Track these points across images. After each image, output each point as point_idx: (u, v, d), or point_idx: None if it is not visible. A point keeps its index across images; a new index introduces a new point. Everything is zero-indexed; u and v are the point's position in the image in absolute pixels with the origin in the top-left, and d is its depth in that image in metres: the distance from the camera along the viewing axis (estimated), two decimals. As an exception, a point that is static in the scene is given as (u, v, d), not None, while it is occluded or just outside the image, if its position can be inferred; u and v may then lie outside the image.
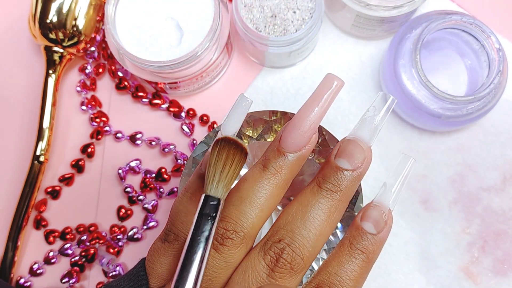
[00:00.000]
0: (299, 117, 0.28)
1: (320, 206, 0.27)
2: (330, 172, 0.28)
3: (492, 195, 0.44)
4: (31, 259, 0.44)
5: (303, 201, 0.28)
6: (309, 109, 0.28)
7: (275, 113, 0.36)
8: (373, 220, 0.28)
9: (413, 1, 0.41)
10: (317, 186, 0.28)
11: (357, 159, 0.28)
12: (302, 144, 0.28)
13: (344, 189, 0.28)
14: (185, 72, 0.40)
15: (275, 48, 0.41)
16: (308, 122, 0.28)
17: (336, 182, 0.28)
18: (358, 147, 0.28)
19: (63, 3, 0.43)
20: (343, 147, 0.28)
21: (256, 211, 0.27)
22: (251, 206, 0.27)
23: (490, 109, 0.41)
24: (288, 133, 0.28)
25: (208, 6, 0.40)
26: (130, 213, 0.44)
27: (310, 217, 0.27)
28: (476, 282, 0.43)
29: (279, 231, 0.27)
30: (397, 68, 0.41)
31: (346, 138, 0.29)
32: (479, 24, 0.40)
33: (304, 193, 0.28)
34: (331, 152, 0.29)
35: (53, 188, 0.45)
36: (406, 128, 0.45)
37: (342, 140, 0.29)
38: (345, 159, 0.28)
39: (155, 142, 0.45)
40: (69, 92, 0.47)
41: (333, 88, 0.28)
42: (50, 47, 0.44)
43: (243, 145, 0.27)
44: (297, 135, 0.28)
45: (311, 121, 0.28)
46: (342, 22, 0.45)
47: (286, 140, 0.28)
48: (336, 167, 0.28)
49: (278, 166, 0.28)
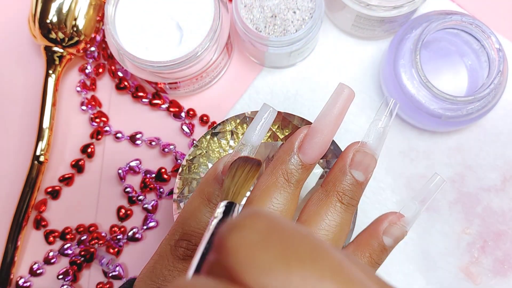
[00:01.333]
0: (319, 130, 0.28)
1: (343, 220, 0.28)
2: (349, 186, 0.28)
3: (492, 195, 0.44)
4: (31, 259, 0.44)
5: (331, 224, 0.28)
6: (328, 121, 0.28)
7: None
8: (395, 237, 0.30)
9: (413, 1, 0.41)
10: (340, 202, 0.28)
11: (371, 171, 0.29)
12: (321, 155, 0.28)
13: (358, 201, 0.29)
14: (185, 72, 0.40)
15: (275, 48, 0.41)
16: (329, 137, 0.28)
17: (355, 196, 0.28)
18: (372, 160, 0.29)
19: (63, 3, 0.43)
20: (359, 160, 0.28)
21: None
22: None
23: (490, 109, 0.41)
24: (309, 146, 0.28)
25: (208, 6, 0.40)
26: (130, 213, 0.44)
27: (337, 238, 0.28)
28: (476, 282, 0.43)
29: None
30: (397, 68, 0.41)
31: (360, 148, 0.29)
32: (479, 24, 0.40)
33: (324, 210, 0.28)
34: (344, 159, 0.29)
35: (53, 188, 0.45)
36: (406, 128, 0.45)
37: (355, 149, 0.29)
38: (361, 172, 0.28)
39: (155, 142, 0.45)
40: (69, 92, 0.47)
41: (347, 98, 0.28)
42: (50, 47, 0.44)
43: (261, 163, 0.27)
44: (319, 150, 0.28)
45: (331, 134, 0.28)
46: (342, 22, 0.45)
47: (308, 153, 0.28)
48: (356, 181, 0.28)
49: (301, 179, 0.28)
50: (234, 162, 0.27)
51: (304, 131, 0.28)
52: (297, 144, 0.28)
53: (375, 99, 0.46)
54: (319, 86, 0.46)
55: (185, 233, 0.27)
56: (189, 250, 0.27)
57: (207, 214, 0.27)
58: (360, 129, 0.45)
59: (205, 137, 0.38)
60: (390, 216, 0.30)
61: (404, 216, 0.30)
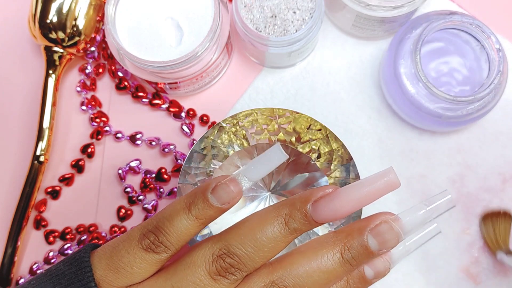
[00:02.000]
0: (341, 197, 0.27)
1: (334, 273, 0.27)
2: (358, 247, 0.27)
3: (492, 196, 0.44)
4: (31, 259, 0.44)
5: (321, 262, 0.27)
6: (355, 194, 0.27)
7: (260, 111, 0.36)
8: (377, 271, 0.29)
9: (413, 1, 0.41)
10: (340, 254, 0.27)
11: (387, 247, 0.27)
12: (330, 221, 0.28)
13: (359, 265, 0.28)
14: (185, 72, 0.40)
15: (275, 49, 0.41)
16: (348, 209, 0.27)
17: (358, 259, 0.27)
18: (395, 239, 0.27)
19: (63, 3, 0.43)
20: (382, 230, 0.27)
21: (264, 258, 0.28)
22: (262, 255, 0.27)
23: (490, 109, 0.41)
24: (323, 208, 0.27)
25: (208, 6, 0.40)
26: (130, 213, 0.44)
27: (323, 283, 0.27)
28: (476, 282, 0.43)
29: (287, 279, 0.27)
30: (397, 68, 0.41)
31: (390, 220, 0.27)
32: (479, 24, 0.40)
33: (322, 253, 0.28)
34: (368, 222, 0.28)
35: (53, 188, 0.45)
36: (406, 128, 0.45)
37: (385, 219, 0.27)
38: (377, 242, 0.27)
39: (155, 142, 0.45)
40: (69, 92, 0.47)
41: (386, 183, 0.27)
42: (50, 47, 0.44)
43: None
44: (332, 214, 0.27)
45: (351, 207, 0.27)
46: (342, 22, 0.45)
47: (319, 213, 0.27)
48: (367, 248, 0.27)
49: (298, 229, 0.28)
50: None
51: (330, 189, 0.28)
52: (315, 198, 0.28)
53: (375, 99, 0.46)
54: (319, 86, 0.46)
55: (157, 229, 0.28)
56: (154, 245, 0.28)
57: (183, 221, 0.28)
58: (360, 129, 0.45)
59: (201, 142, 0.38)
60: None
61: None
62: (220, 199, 0.28)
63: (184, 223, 0.28)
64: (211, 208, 0.28)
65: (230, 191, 0.28)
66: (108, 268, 0.28)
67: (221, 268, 0.27)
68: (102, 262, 0.28)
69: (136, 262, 0.28)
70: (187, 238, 0.28)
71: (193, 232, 0.28)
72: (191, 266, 0.27)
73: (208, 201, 0.28)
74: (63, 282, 0.28)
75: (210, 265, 0.27)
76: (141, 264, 0.28)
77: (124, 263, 0.28)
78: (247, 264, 0.27)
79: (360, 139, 0.45)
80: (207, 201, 0.28)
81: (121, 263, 0.28)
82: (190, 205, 0.28)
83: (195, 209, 0.28)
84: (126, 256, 0.28)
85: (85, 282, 0.28)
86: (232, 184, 0.28)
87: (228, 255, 0.27)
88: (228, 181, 0.28)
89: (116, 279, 0.28)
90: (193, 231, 0.28)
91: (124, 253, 0.28)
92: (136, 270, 0.28)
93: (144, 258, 0.28)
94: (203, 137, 0.38)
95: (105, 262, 0.28)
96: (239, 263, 0.27)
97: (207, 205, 0.28)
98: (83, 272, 0.28)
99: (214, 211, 0.28)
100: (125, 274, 0.28)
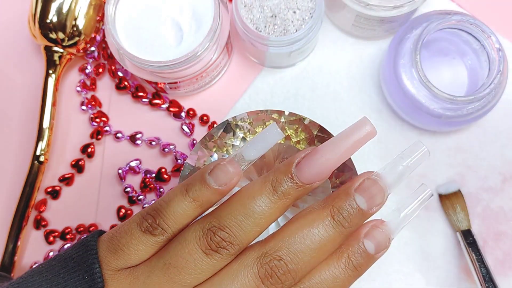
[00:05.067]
0: (322, 153, 0.28)
1: (328, 237, 0.27)
2: (347, 207, 0.28)
3: (492, 195, 0.44)
4: (31, 259, 0.44)
5: (312, 227, 0.27)
6: (335, 148, 0.28)
7: (255, 113, 0.36)
8: (377, 242, 0.29)
9: (413, 1, 0.41)
10: (331, 217, 0.28)
11: (376, 203, 0.28)
12: (318, 180, 0.28)
13: (353, 226, 0.28)
14: (185, 72, 0.40)
15: (275, 48, 0.41)
16: (331, 163, 0.28)
17: (349, 219, 0.28)
18: (381, 192, 0.28)
19: (63, 3, 0.43)
20: (367, 186, 0.28)
21: (256, 230, 0.28)
22: (253, 225, 0.27)
23: (490, 109, 0.41)
24: (307, 166, 0.28)
25: (208, 6, 0.40)
26: (130, 213, 0.44)
27: (317, 248, 0.27)
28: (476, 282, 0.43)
29: (280, 249, 0.27)
30: (397, 68, 0.41)
31: (372, 176, 0.28)
32: (479, 24, 0.40)
33: (312, 218, 0.28)
34: (352, 182, 0.28)
35: (53, 188, 0.45)
36: (406, 128, 0.45)
37: (367, 176, 0.28)
38: (365, 199, 0.28)
39: (155, 142, 0.45)
40: (69, 92, 0.47)
41: (363, 133, 0.28)
42: (50, 47, 0.44)
43: None
44: (316, 171, 0.28)
45: (334, 161, 0.28)
46: (342, 22, 0.45)
47: (304, 172, 0.28)
48: (357, 207, 0.28)
49: (287, 192, 0.28)
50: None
51: (308, 150, 0.28)
52: (298, 160, 0.28)
53: (375, 99, 0.46)
54: (319, 86, 0.46)
55: (155, 211, 0.28)
56: (151, 227, 0.28)
57: (180, 204, 0.28)
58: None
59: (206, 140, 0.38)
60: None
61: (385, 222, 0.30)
62: (218, 180, 0.28)
63: (181, 205, 0.28)
64: (208, 189, 0.28)
65: (227, 171, 0.28)
66: (108, 250, 0.28)
67: (212, 242, 0.27)
68: (104, 245, 0.29)
69: (134, 244, 0.28)
70: (185, 221, 0.28)
71: (191, 215, 0.28)
72: (182, 242, 0.27)
73: (206, 182, 0.28)
74: (70, 265, 0.28)
75: (201, 239, 0.27)
76: (138, 245, 0.28)
77: (122, 244, 0.28)
78: (238, 236, 0.27)
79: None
80: (205, 182, 0.28)
81: (120, 244, 0.28)
82: (188, 187, 0.28)
83: (192, 190, 0.28)
84: (125, 238, 0.28)
85: (90, 263, 0.28)
86: (230, 165, 0.28)
87: (218, 227, 0.27)
88: (226, 162, 0.28)
89: (114, 260, 0.28)
90: (191, 214, 0.28)
91: (124, 235, 0.28)
92: (133, 252, 0.28)
93: (141, 240, 0.28)
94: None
95: (106, 245, 0.28)
96: (230, 235, 0.27)
97: (205, 186, 0.28)
98: (89, 254, 0.28)
99: (212, 192, 0.28)
100: (122, 255, 0.28)
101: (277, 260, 0.27)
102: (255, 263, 0.27)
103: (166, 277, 0.27)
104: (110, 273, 0.28)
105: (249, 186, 0.28)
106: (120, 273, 0.28)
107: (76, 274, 0.28)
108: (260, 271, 0.27)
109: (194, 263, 0.27)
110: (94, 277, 0.27)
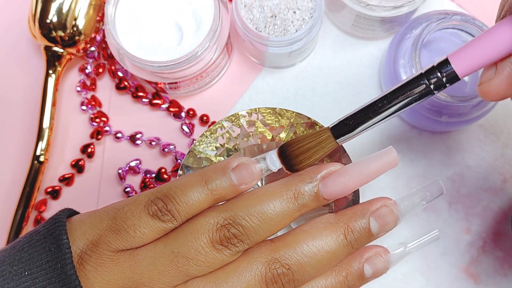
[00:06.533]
0: (349, 175, 0.29)
1: (336, 255, 0.28)
2: (360, 229, 0.29)
3: (492, 196, 0.44)
4: (31, 259, 0.44)
5: (325, 244, 0.28)
6: (361, 172, 0.29)
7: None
8: (376, 269, 0.30)
9: (413, 1, 0.41)
10: (344, 236, 0.28)
11: (386, 230, 0.29)
12: (338, 198, 0.29)
13: (359, 247, 0.29)
14: (185, 72, 0.41)
15: (275, 48, 0.41)
16: (354, 185, 0.29)
17: (359, 240, 0.29)
18: (394, 222, 0.29)
19: (63, 3, 0.43)
20: (383, 213, 0.29)
21: (268, 233, 0.28)
22: (267, 227, 0.28)
23: (490, 109, 0.41)
24: (333, 185, 0.28)
25: (208, 6, 0.40)
26: (130, 213, 0.44)
27: (325, 264, 0.28)
28: (476, 282, 0.43)
29: (290, 258, 0.28)
30: (397, 68, 0.41)
31: (390, 205, 0.29)
32: (479, 24, 0.40)
33: (326, 233, 0.28)
34: (370, 205, 0.29)
35: (53, 188, 0.45)
36: (406, 128, 0.45)
37: (385, 203, 0.29)
38: (379, 225, 0.29)
39: (155, 142, 0.45)
40: (69, 92, 0.47)
41: (388, 162, 0.29)
42: (50, 47, 0.44)
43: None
44: (340, 191, 0.29)
45: (357, 184, 0.29)
46: (342, 22, 0.45)
47: (329, 189, 0.28)
48: (368, 230, 0.29)
49: (306, 204, 0.28)
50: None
51: (337, 167, 0.29)
52: (323, 174, 0.29)
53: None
54: (319, 86, 0.46)
55: (167, 196, 0.28)
56: (160, 212, 0.27)
57: (196, 193, 0.28)
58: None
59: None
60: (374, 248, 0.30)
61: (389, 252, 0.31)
62: (241, 178, 0.28)
63: (197, 195, 0.27)
64: (229, 185, 0.28)
65: (252, 172, 0.28)
66: (109, 229, 0.27)
67: (224, 238, 0.27)
68: (104, 223, 0.28)
69: (140, 226, 0.27)
70: (196, 211, 0.28)
71: (203, 207, 0.28)
72: (193, 233, 0.27)
73: (229, 177, 0.28)
74: (35, 238, 0.27)
75: (214, 233, 0.27)
76: (145, 229, 0.27)
77: (128, 225, 0.27)
78: (250, 236, 0.27)
79: (360, 139, 0.45)
80: (228, 177, 0.28)
81: (125, 224, 0.27)
82: (208, 179, 0.28)
83: (212, 182, 0.28)
84: (131, 219, 0.27)
85: (57, 234, 0.27)
86: (255, 166, 0.29)
87: (233, 225, 0.27)
88: (252, 163, 0.29)
89: (115, 240, 0.27)
90: (204, 206, 0.28)
91: (130, 215, 0.27)
92: (139, 234, 0.27)
93: (148, 223, 0.27)
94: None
95: (107, 223, 0.28)
96: (243, 234, 0.27)
97: (226, 180, 0.28)
98: (56, 226, 0.27)
99: (231, 188, 0.28)
100: (126, 236, 0.27)
101: (286, 268, 0.27)
102: (264, 266, 0.27)
103: (172, 265, 0.27)
104: (109, 254, 0.27)
105: (269, 188, 0.29)
106: (119, 254, 0.27)
107: (41, 247, 0.27)
108: (267, 275, 0.27)
109: (205, 256, 0.27)
110: (61, 248, 0.26)
